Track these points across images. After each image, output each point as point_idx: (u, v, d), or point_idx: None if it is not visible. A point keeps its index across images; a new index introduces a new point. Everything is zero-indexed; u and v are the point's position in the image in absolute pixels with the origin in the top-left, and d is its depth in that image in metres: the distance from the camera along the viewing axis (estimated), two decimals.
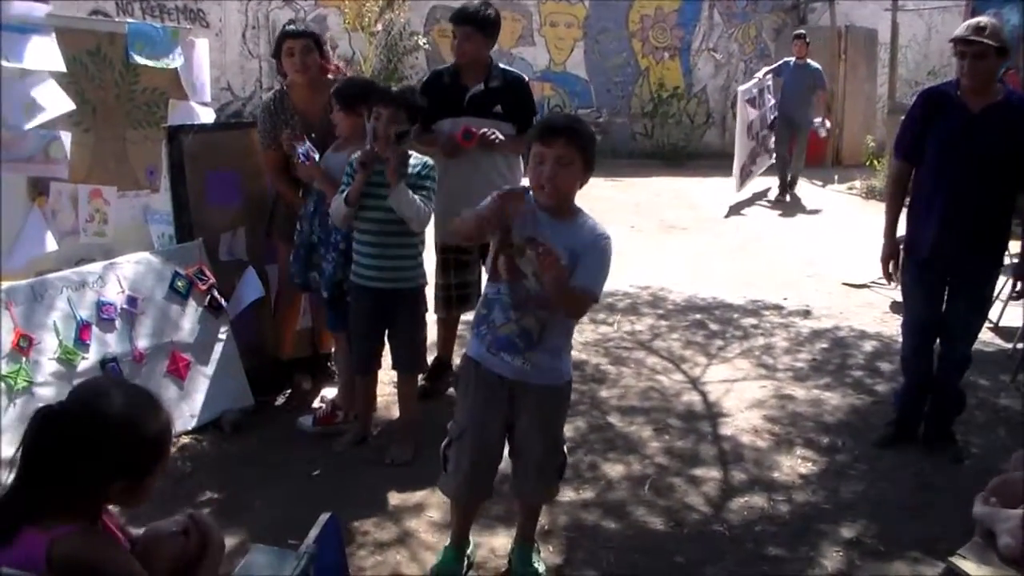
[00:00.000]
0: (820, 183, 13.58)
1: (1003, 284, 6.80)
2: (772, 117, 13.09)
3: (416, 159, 4.54)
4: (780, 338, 6.70)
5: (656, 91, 16.71)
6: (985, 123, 4.63)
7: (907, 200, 4.97)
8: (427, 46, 15.19)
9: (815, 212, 12.24)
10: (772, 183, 13.21)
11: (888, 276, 5.10)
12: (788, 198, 12.81)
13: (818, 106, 12.93)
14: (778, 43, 16.68)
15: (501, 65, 5.39)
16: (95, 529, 2.33)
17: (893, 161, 5.10)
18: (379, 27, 13.79)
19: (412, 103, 4.56)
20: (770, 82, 13.15)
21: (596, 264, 3.35)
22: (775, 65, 13.35)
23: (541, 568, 3.76)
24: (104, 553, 2.29)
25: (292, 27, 5.34)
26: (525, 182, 3.62)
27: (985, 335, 6.76)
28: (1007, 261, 6.73)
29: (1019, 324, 6.37)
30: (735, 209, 12.19)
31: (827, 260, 8.67)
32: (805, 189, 13.50)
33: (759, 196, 13.11)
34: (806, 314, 7.26)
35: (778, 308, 7.41)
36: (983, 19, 4.75)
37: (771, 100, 13.13)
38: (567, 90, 16.33)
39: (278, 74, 5.41)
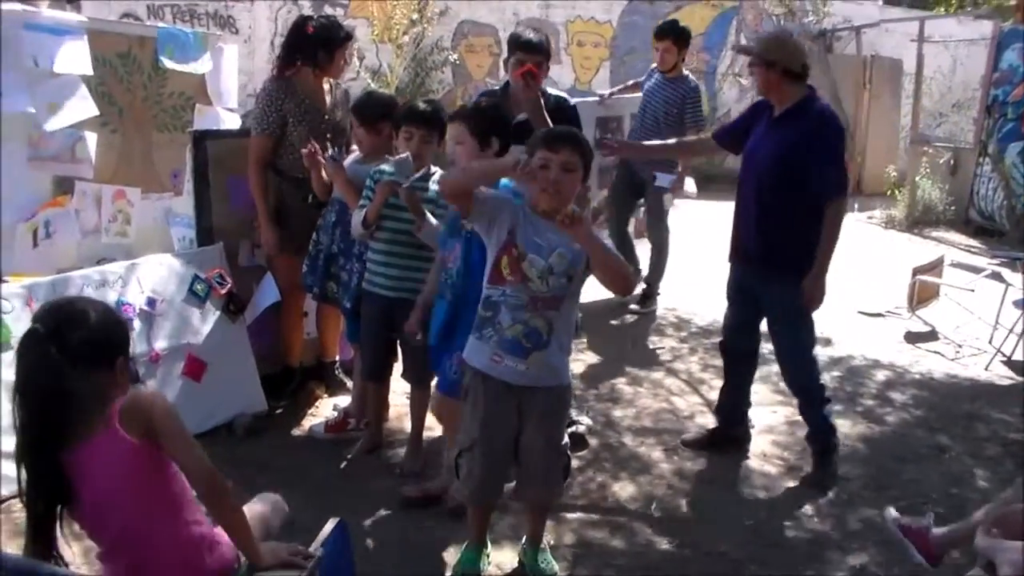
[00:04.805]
0: None
1: (1018, 318, 6.83)
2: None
3: (438, 177, 4.55)
4: None
5: None
6: (777, 128, 4.69)
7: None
8: (456, 61, 15.27)
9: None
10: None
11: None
12: (647, 308, 7.83)
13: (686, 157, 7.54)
14: None
15: (550, 90, 5.07)
16: None
17: None
18: (407, 39, 13.84)
19: (442, 121, 4.55)
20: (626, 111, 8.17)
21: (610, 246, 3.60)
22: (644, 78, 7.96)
23: (555, 567, 3.88)
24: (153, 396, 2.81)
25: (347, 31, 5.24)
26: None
27: (998, 368, 6.77)
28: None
29: None
30: None
31: (843, 288, 8.63)
32: None
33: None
34: (827, 342, 7.23)
35: None
36: (773, 33, 4.87)
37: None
38: None
39: (302, 62, 5.18)
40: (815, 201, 4.55)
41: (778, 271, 4.70)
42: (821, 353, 6.90)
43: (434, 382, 4.38)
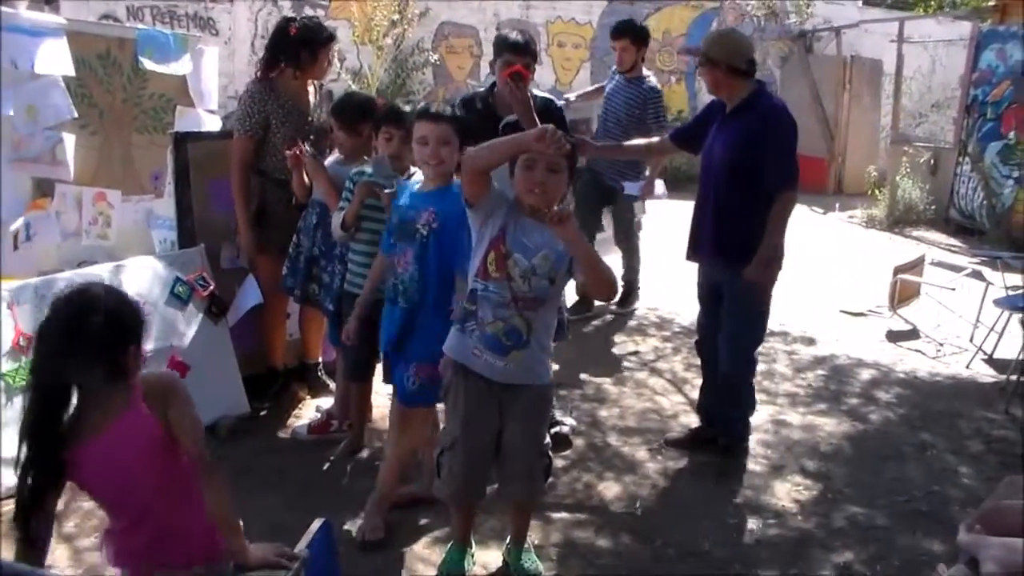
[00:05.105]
0: (821, 211, 13.57)
1: (999, 317, 6.86)
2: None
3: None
4: (781, 364, 6.69)
5: None
6: (729, 124, 4.74)
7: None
8: (437, 62, 15.26)
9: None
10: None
11: None
12: (627, 308, 7.81)
13: (650, 158, 7.26)
14: (784, 71, 16.70)
15: (536, 92, 4.96)
16: None
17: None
18: (388, 40, 13.83)
19: None
20: (594, 113, 7.83)
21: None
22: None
23: (539, 566, 3.88)
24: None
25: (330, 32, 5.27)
26: None
27: (980, 366, 6.80)
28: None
29: (1013, 356, 6.38)
30: None
31: (826, 287, 8.68)
32: (805, 216, 13.45)
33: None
34: (810, 341, 7.24)
35: (783, 335, 7.37)
36: (716, 32, 4.94)
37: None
38: None
39: (285, 64, 5.16)
40: (768, 194, 4.60)
41: (735, 265, 4.71)
42: (804, 352, 6.97)
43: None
